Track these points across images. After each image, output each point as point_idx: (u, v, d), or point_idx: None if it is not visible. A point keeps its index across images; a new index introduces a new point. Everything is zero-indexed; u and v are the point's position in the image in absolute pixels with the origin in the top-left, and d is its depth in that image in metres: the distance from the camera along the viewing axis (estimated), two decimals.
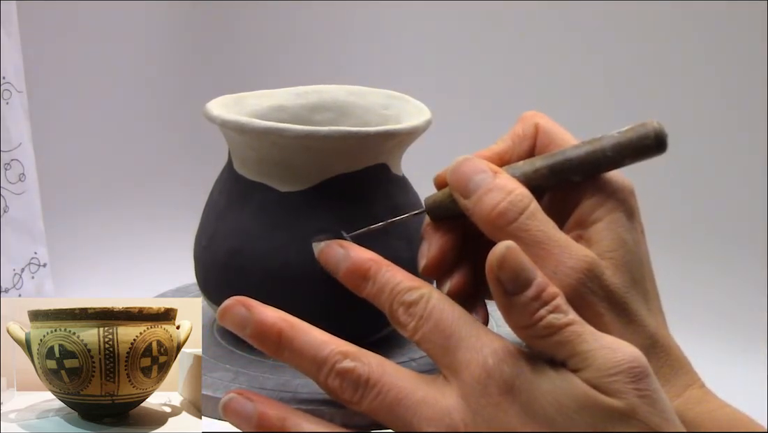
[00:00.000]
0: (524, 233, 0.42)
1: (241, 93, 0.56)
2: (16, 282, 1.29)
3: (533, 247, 0.42)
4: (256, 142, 0.50)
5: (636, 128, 0.44)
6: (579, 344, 0.39)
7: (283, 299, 0.50)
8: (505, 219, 0.43)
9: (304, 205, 0.50)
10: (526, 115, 0.49)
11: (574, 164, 0.44)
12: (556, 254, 0.42)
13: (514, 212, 0.43)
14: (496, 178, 0.44)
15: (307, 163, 0.50)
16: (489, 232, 0.44)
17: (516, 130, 0.49)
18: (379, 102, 0.57)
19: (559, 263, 0.42)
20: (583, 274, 0.42)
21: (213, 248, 0.52)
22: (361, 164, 0.50)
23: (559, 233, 0.43)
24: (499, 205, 0.43)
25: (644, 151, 0.44)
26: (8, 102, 1.23)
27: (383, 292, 0.44)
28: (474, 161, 0.45)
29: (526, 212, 0.43)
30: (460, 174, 0.45)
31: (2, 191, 1.24)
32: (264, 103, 0.57)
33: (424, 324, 0.42)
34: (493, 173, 0.44)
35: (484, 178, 0.44)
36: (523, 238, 0.42)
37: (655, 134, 0.44)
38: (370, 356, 0.43)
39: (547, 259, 0.42)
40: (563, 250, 0.42)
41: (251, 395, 0.43)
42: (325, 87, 0.59)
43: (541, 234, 0.42)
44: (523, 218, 0.43)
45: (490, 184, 0.44)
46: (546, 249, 0.42)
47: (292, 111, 0.58)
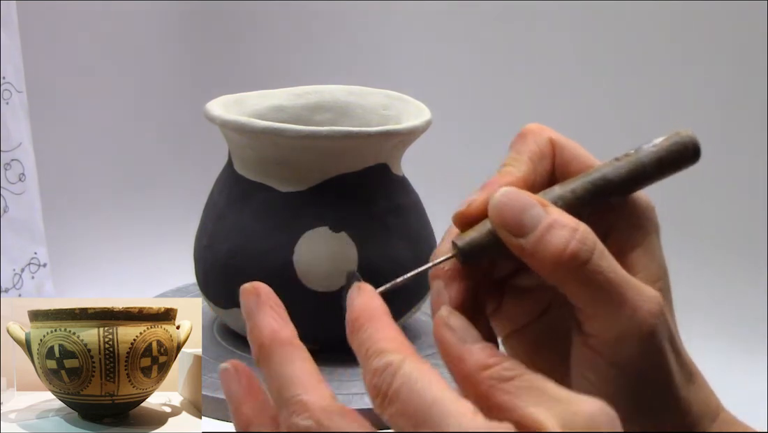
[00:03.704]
0: (598, 275, 0.38)
1: (241, 93, 0.56)
2: (16, 282, 1.29)
3: (607, 290, 0.38)
4: (256, 142, 0.50)
5: (672, 140, 0.41)
6: None
7: (283, 299, 0.50)
8: (578, 261, 0.38)
9: (305, 205, 0.50)
10: (532, 129, 0.43)
11: (615, 184, 0.41)
12: (631, 298, 0.38)
13: (586, 252, 0.38)
14: (549, 212, 0.39)
15: (307, 163, 0.50)
16: (553, 274, 0.39)
17: (531, 149, 0.43)
18: (379, 102, 0.57)
19: (636, 308, 0.38)
20: (657, 318, 0.39)
21: (213, 247, 0.52)
22: (362, 164, 0.50)
23: (625, 272, 0.39)
24: (570, 246, 0.38)
25: (682, 164, 0.41)
26: (8, 102, 1.23)
27: (359, 353, 0.36)
28: (518, 194, 0.40)
29: (597, 251, 0.38)
30: (508, 210, 0.40)
31: (2, 191, 1.24)
32: (264, 103, 0.57)
33: (389, 404, 0.33)
34: (542, 206, 0.39)
35: (539, 213, 0.39)
36: (596, 280, 0.38)
37: (693, 145, 0.41)
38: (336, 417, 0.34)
39: (624, 303, 0.39)
40: (637, 292, 0.39)
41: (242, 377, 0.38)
42: (325, 87, 0.59)
43: (613, 276, 0.38)
44: (596, 258, 0.38)
45: (548, 220, 0.39)
46: (621, 292, 0.38)
47: (292, 111, 0.58)
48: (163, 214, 1.59)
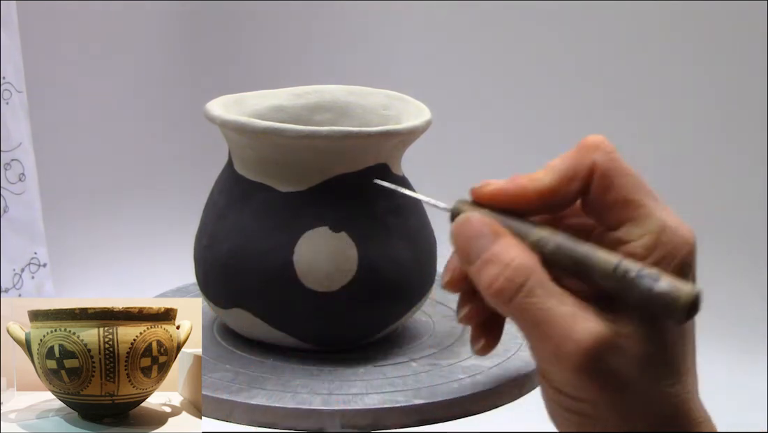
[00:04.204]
0: (523, 312, 0.39)
1: (241, 93, 0.56)
2: (16, 282, 1.29)
3: (533, 328, 0.39)
4: (256, 142, 0.50)
5: (670, 289, 0.38)
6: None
7: (283, 299, 0.50)
8: (502, 298, 0.39)
9: (305, 205, 0.50)
10: (586, 144, 0.42)
11: (593, 277, 0.40)
12: (556, 335, 0.39)
13: (510, 291, 0.39)
14: (495, 243, 0.40)
15: (307, 163, 0.50)
16: (491, 303, 0.41)
17: (567, 165, 0.42)
18: (379, 102, 0.57)
19: (559, 345, 0.38)
20: (587, 354, 0.38)
21: (213, 247, 0.52)
22: (362, 164, 0.50)
23: (562, 307, 0.39)
24: (496, 282, 0.39)
25: (665, 317, 0.39)
26: (8, 102, 1.23)
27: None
28: (474, 222, 0.41)
29: (524, 290, 0.39)
30: (461, 238, 0.41)
31: (2, 191, 1.24)
32: (264, 103, 0.57)
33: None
34: (494, 236, 0.41)
35: (484, 244, 0.40)
36: (522, 318, 0.39)
37: (685, 303, 0.38)
38: None
39: (548, 340, 0.39)
40: (566, 329, 0.38)
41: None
42: (325, 87, 0.59)
43: (540, 314, 0.39)
44: (521, 297, 0.39)
45: (489, 253, 0.40)
46: (545, 330, 0.39)
47: (292, 111, 0.58)
48: (163, 214, 1.59)
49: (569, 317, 0.39)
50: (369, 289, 0.50)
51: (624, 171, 0.41)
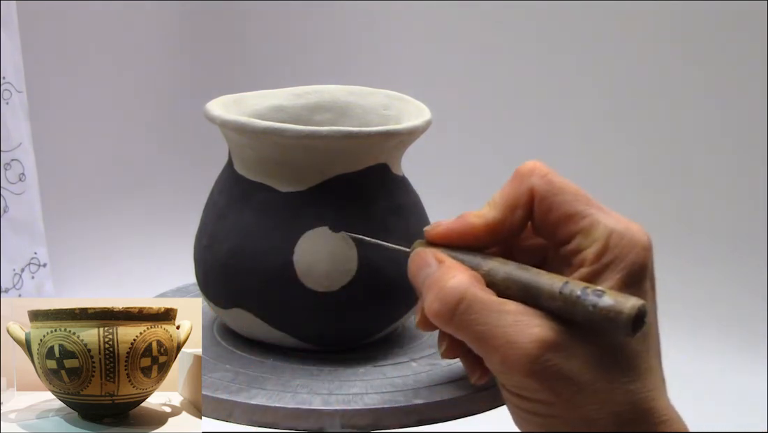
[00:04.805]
0: (464, 330, 0.41)
1: (240, 93, 0.56)
2: (16, 282, 1.29)
3: (477, 342, 0.41)
4: (256, 143, 0.50)
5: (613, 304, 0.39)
6: None
7: (283, 298, 0.50)
8: (442, 319, 0.41)
9: (305, 205, 0.50)
10: (521, 171, 0.44)
11: (543, 298, 0.41)
12: (498, 347, 0.40)
13: (447, 312, 0.41)
14: (437, 270, 0.42)
15: (307, 163, 0.50)
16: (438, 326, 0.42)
17: (507, 195, 0.44)
18: (380, 102, 0.57)
19: (505, 356, 0.40)
20: (531, 364, 0.39)
21: (213, 247, 0.52)
22: (362, 164, 0.50)
23: (502, 318, 0.40)
24: (433, 305, 0.41)
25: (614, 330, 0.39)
26: (8, 102, 1.23)
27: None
28: (420, 255, 0.44)
29: (460, 309, 0.41)
30: (411, 271, 0.44)
31: (2, 191, 1.24)
32: (264, 103, 0.57)
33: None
34: (437, 263, 0.43)
35: (428, 273, 0.43)
36: (464, 335, 0.41)
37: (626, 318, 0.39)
38: None
39: (492, 352, 0.40)
40: (507, 341, 0.40)
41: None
42: (325, 87, 0.59)
43: (480, 329, 0.40)
44: (458, 316, 0.41)
45: (429, 280, 0.42)
46: (487, 343, 0.40)
47: (292, 111, 0.58)
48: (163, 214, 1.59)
49: (510, 327, 0.40)
50: (369, 289, 0.50)
51: (562, 189, 0.43)
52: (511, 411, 0.43)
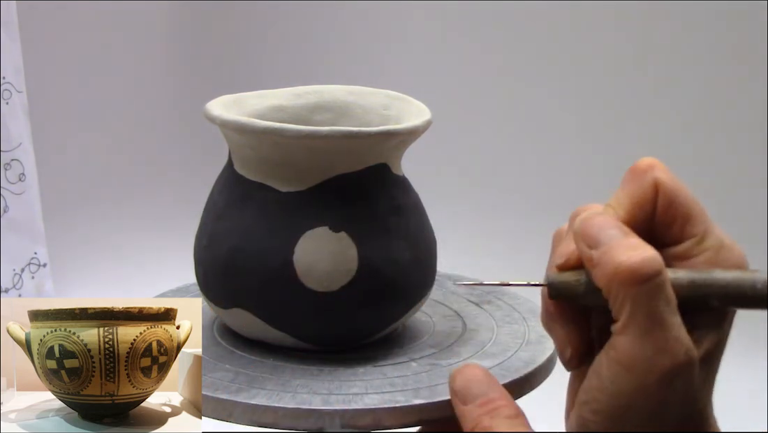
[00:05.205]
0: (649, 299, 0.39)
1: (240, 93, 0.56)
2: (16, 282, 1.29)
3: (647, 320, 0.39)
4: (256, 142, 0.50)
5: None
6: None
7: (283, 298, 0.50)
8: (636, 276, 0.39)
9: (305, 205, 0.50)
10: (640, 167, 0.43)
11: (715, 289, 0.41)
12: (664, 341, 0.39)
13: (648, 272, 0.39)
14: (629, 236, 0.40)
15: (307, 163, 0.50)
16: (608, 288, 0.40)
17: (632, 192, 0.43)
18: (380, 102, 0.57)
19: (660, 351, 0.39)
20: (675, 371, 0.39)
21: (213, 247, 0.52)
22: (362, 164, 0.50)
23: (675, 317, 0.39)
24: (632, 259, 0.39)
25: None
26: (8, 102, 1.23)
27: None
28: (608, 217, 0.42)
29: (659, 278, 0.39)
30: (590, 225, 0.41)
31: (2, 191, 1.24)
32: (264, 103, 0.57)
33: None
34: (623, 230, 0.41)
35: (617, 234, 0.40)
36: (642, 306, 0.39)
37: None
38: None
39: (652, 342, 0.39)
40: (674, 340, 0.39)
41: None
42: (325, 87, 0.59)
43: (660, 309, 0.39)
44: (654, 283, 0.39)
45: (623, 240, 0.40)
46: (654, 330, 0.39)
47: (292, 111, 0.58)
48: (163, 214, 1.59)
49: (678, 327, 0.39)
50: (369, 289, 0.50)
51: (683, 188, 0.42)
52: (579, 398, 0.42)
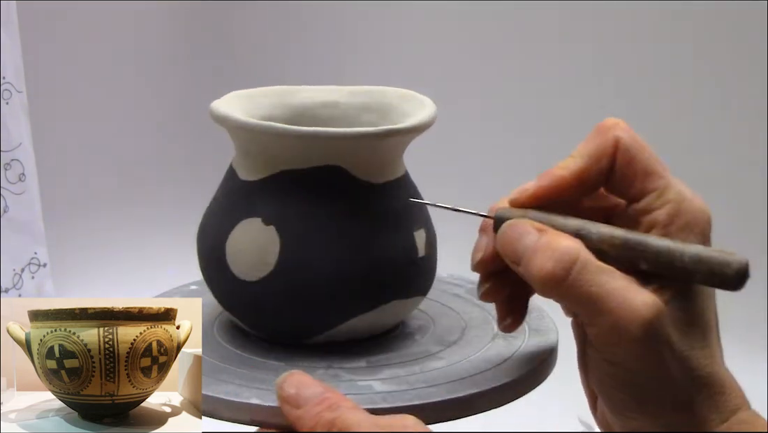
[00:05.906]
0: (577, 290, 0.40)
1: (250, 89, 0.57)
2: (16, 282, 1.29)
3: (587, 302, 0.40)
4: (230, 132, 0.51)
5: (723, 254, 0.41)
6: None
7: (219, 283, 0.51)
8: (554, 280, 0.41)
9: (251, 194, 0.51)
10: (605, 125, 0.45)
11: (647, 254, 0.41)
12: (612, 309, 0.40)
13: (561, 271, 0.40)
14: (541, 237, 0.42)
15: (259, 156, 0.51)
16: (542, 292, 0.42)
17: (592, 145, 0.45)
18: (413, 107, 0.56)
19: (618, 318, 0.40)
20: (643, 327, 0.40)
21: (201, 241, 0.53)
22: (307, 163, 0.51)
23: (615, 281, 0.40)
24: (545, 267, 0.41)
25: (719, 280, 0.41)
26: (8, 102, 1.23)
27: None
28: (518, 225, 0.43)
29: (575, 268, 0.40)
30: (506, 241, 0.43)
31: (2, 191, 1.24)
32: (317, 98, 0.58)
33: None
34: (538, 232, 0.42)
35: (530, 240, 0.42)
36: (576, 296, 0.41)
37: (737, 270, 0.41)
38: None
39: (605, 313, 0.40)
40: (620, 303, 0.40)
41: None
42: (376, 88, 0.59)
43: (594, 290, 0.40)
44: (573, 276, 0.40)
45: (536, 245, 0.42)
46: (601, 304, 0.40)
47: (345, 108, 0.58)
48: (164, 214, 1.59)
49: (623, 289, 0.40)
50: (286, 286, 0.49)
51: (644, 146, 0.44)
52: (596, 384, 0.43)
